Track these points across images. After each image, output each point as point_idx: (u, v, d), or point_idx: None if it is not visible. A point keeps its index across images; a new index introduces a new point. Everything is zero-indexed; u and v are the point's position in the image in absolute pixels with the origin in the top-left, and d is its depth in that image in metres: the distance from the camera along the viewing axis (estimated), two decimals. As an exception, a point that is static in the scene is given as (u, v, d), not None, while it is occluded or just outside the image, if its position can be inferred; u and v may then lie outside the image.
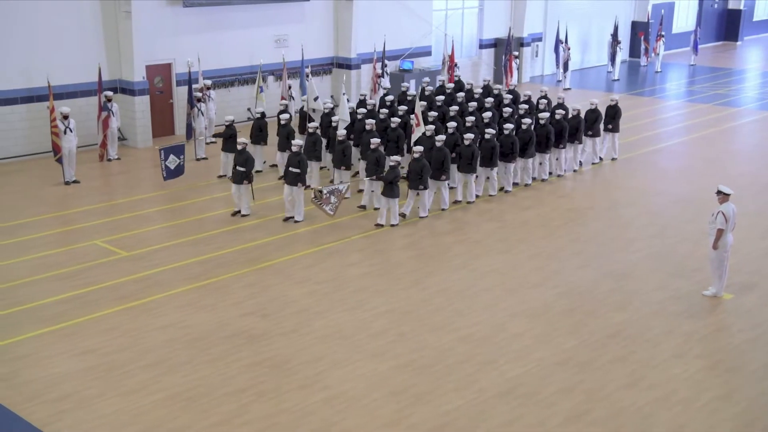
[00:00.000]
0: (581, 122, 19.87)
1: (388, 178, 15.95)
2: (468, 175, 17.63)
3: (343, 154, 17.41)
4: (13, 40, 19.53)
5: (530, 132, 18.65)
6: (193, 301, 12.98)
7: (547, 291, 13.67)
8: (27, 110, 20.05)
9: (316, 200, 15.65)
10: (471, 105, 20.33)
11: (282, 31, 24.62)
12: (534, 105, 21.00)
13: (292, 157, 16.07)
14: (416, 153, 16.38)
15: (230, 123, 18.38)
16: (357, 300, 13.20)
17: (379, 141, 16.98)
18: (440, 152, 16.87)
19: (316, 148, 17.86)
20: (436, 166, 16.78)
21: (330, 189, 15.84)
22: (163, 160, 17.29)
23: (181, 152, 17.66)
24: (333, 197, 15.72)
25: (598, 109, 20.44)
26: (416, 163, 16.33)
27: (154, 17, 21.46)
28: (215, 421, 9.83)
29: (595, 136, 20.57)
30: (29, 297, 12.93)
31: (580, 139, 20.00)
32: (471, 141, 17.34)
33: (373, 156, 16.72)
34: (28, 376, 10.68)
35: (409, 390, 10.59)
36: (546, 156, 19.26)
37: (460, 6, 30.39)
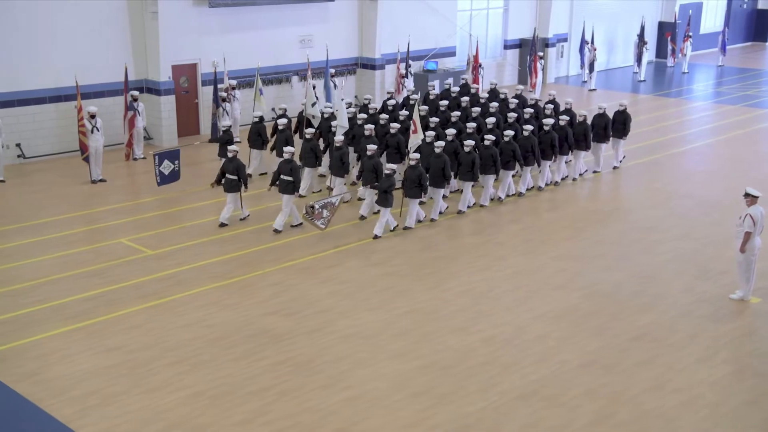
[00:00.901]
0: (588, 128, 19.09)
1: (383, 186, 15.46)
2: (467, 183, 17.03)
3: (341, 160, 16.80)
4: (42, 41, 19.76)
5: (532, 139, 17.92)
6: (217, 300, 13.05)
7: (571, 293, 13.58)
8: (55, 109, 20.27)
9: (308, 216, 15.03)
10: (474, 110, 19.55)
11: (307, 32, 24.69)
12: (541, 110, 20.17)
13: (283, 165, 15.58)
14: (413, 160, 15.87)
15: (227, 128, 18.00)
16: (380, 300, 13.20)
17: (375, 147, 16.35)
18: (439, 159, 16.31)
19: (314, 154, 17.33)
20: (436, 174, 16.27)
21: (322, 203, 15.19)
22: (157, 165, 17.04)
23: (176, 157, 17.35)
24: (325, 211, 15.14)
25: (607, 114, 19.77)
26: (412, 171, 15.79)
27: (180, 17, 21.62)
28: (238, 419, 9.87)
29: (601, 142, 19.80)
30: (55, 294, 13.07)
31: (589, 145, 19.18)
32: (471, 148, 16.77)
33: (369, 163, 16.14)
34: (54, 372, 10.80)
35: (431, 391, 10.57)
36: (547, 163, 18.52)
37: (485, 6, 30.30)
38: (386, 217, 15.72)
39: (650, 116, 26.78)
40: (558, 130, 18.63)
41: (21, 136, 19.85)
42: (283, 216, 15.72)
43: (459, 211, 17.08)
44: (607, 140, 19.87)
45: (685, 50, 34.58)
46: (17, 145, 19.81)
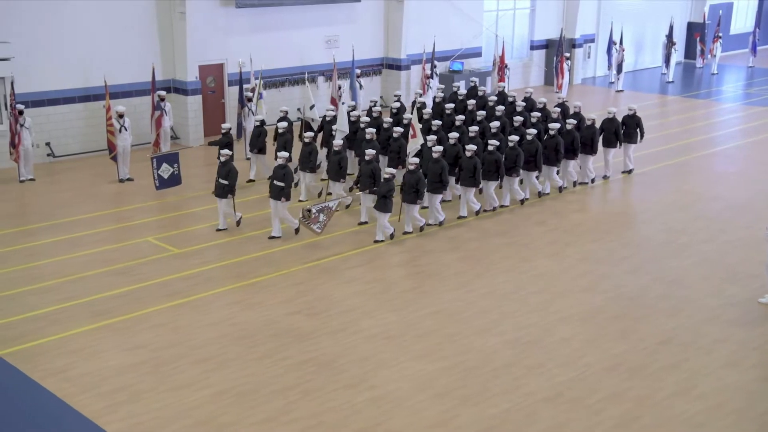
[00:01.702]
0: (596, 132, 18.60)
1: (381, 191, 15.08)
2: (469, 189, 16.53)
3: (339, 165, 16.41)
4: (72, 41, 20.00)
5: (536, 144, 17.37)
6: (242, 299, 13.12)
7: (597, 295, 13.48)
8: (84, 109, 20.51)
9: (304, 219, 14.69)
10: (480, 113, 19.04)
11: (333, 32, 24.75)
12: (549, 113, 19.59)
13: (277, 170, 15.18)
14: (411, 165, 15.50)
15: (227, 131, 17.61)
16: (404, 301, 13.20)
17: (374, 152, 15.95)
18: (437, 164, 15.84)
19: (311, 158, 16.93)
20: (433, 179, 15.81)
21: (319, 207, 14.80)
22: (155, 168, 16.78)
23: (175, 161, 17.05)
24: (322, 215, 14.74)
25: (616, 118, 19.22)
26: (411, 176, 15.38)
27: (207, 18, 21.78)
28: (262, 417, 9.93)
29: (611, 147, 19.26)
30: (83, 292, 13.22)
31: (595, 150, 18.68)
32: (473, 153, 16.22)
33: (367, 168, 15.74)
34: (82, 369, 10.93)
35: (455, 392, 10.55)
36: (553, 169, 18.07)
37: (512, 7, 30.19)
38: (382, 221, 15.30)
39: (678, 118, 26.52)
40: (565, 135, 18.10)
41: (50, 135, 20.11)
42: (288, 222, 15.47)
43: (459, 216, 16.66)
44: (616, 145, 19.25)
45: (715, 51, 34.19)
46: (47, 144, 20.07)
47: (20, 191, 18.18)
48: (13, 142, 18.14)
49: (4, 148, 18.79)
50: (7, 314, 12.36)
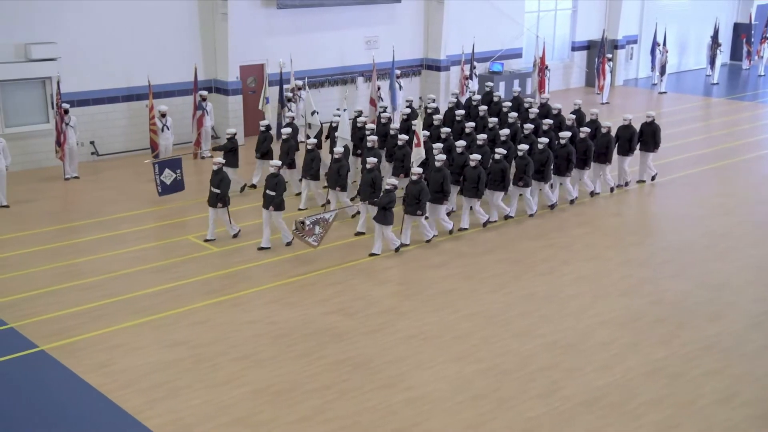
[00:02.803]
0: (611, 141, 17.87)
1: (382, 202, 14.49)
2: (472, 200, 15.89)
3: (338, 173, 15.93)
4: (116, 42, 20.32)
5: (547, 152, 16.70)
6: (280, 298, 13.20)
7: (637, 299, 13.30)
8: (127, 108, 20.83)
9: (298, 232, 14.08)
10: (492, 121, 18.49)
11: (373, 33, 24.79)
12: (563, 120, 18.98)
13: (269, 179, 14.75)
14: (414, 175, 14.91)
15: (232, 136, 17.46)
16: (441, 302, 13.16)
17: (375, 160, 15.48)
18: (438, 173, 15.26)
19: (313, 166, 16.56)
20: (435, 189, 15.25)
21: (314, 219, 14.20)
22: (157, 174, 16.66)
23: (177, 166, 16.90)
24: (318, 227, 14.18)
25: (632, 125, 18.42)
26: (414, 186, 14.83)
27: (249, 19, 21.97)
28: (299, 416, 9.97)
29: (626, 155, 18.47)
30: (125, 289, 13.42)
31: (610, 159, 17.93)
32: (477, 163, 15.64)
33: (368, 177, 15.29)
34: (122, 364, 11.09)
35: (492, 394, 10.49)
36: (567, 179, 17.29)
37: (553, 7, 29.94)
38: (386, 234, 14.76)
39: (723, 120, 26.07)
40: (578, 144, 17.42)
41: (95, 134, 20.45)
42: (282, 232, 15.03)
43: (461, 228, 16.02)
44: (631, 153, 18.42)
45: (762, 52, 33.52)
46: (91, 142, 20.42)
47: (65, 189, 18.53)
48: (58, 141, 18.49)
49: (50, 147, 19.16)
50: (51, 309, 12.60)
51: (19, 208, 17.04)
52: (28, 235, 15.62)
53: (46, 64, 19.08)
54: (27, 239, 15.40)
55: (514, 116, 18.80)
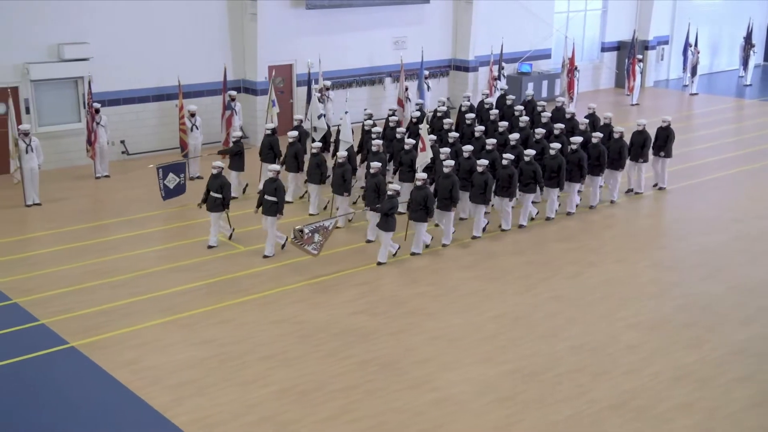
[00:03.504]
0: (624, 146, 17.38)
1: (384, 209, 14.16)
2: (479, 206, 15.53)
3: (342, 178, 15.64)
4: (146, 42, 20.52)
5: (559, 158, 16.26)
6: (306, 298, 13.25)
7: (666, 303, 13.16)
8: (157, 108, 21.03)
9: (296, 240, 13.79)
10: (502, 125, 18.05)
11: (401, 33, 24.78)
12: (576, 125, 18.46)
13: (268, 184, 14.44)
14: (419, 181, 14.55)
15: (238, 139, 17.32)
16: (467, 303, 13.12)
17: (379, 165, 15.23)
18: (447, 180, 14.87)
19: (320, 170, 16.29)
20: (443, 195, 14.88)
21: (313, 227, 13.88)
22: (161, 179, 16.53)
23: (181, 171, 16.79)
24: (317, 235, 13.83)
25: (647, 131, 17.95)
26: (418, 192, 14.46)
27: (278, 19, 22.07)
28: (325, 416, 9.99)
29: (642, 162, 18.03)
30: (153, 286, 13.54)
31: (623, 164, 17.52)
32: (485, 168, 15.27)
33: (372, 182, 15.00)
34: (150, 361, 11.19)
35: (518, 396, 10.44)
36: (576, 186, 16.87)
37: (583, 8, 29.72)
38: (387, 242, 14.44)
39: (755, 122, 25.70)
40: (591, 149, 16.96)
41: (125, 133, 20.67)
42: (268, 241, 14.67)
43: (474, 237, 15.66)
44: (645, 159, 18.01)
45: (796, 53, 33.01)
46: (121, 141, 20.64)
47: (95, 187, 18.74)
48: (89, 140, 18.70)
49: (81, 146, 19.39)
50: (82, 306, 12.75)
51: (51, 206, 17.27)
52: (59, 232, 15.83)
53: (79, 64, 19.32)
54: (58, 237, 15.61)
55: (525, 120, 18.38)
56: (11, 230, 15.94)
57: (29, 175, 17.17)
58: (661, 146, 18.26)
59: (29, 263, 14.34)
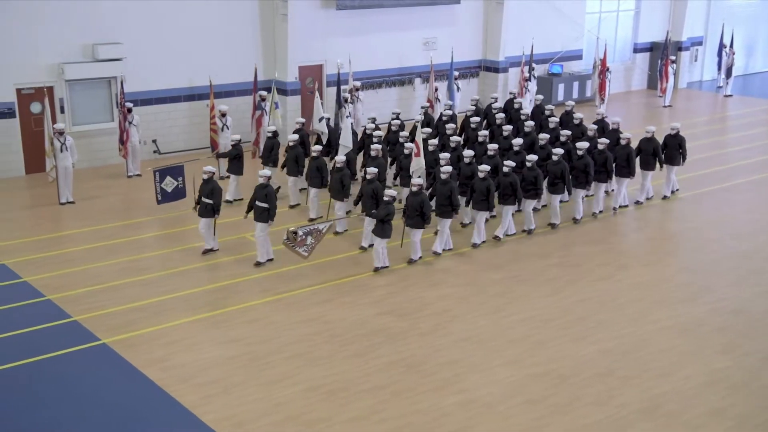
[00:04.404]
0: (631, 153, 16.81)
1: (380, 215, 13.91)
2: (481, 213, 15.13)
3: (341, 183, 15.41)
4: (178, 42, 20.70)
5: (562, 164, 15.88)
6: (334, 298, 13.27)
7: (698, 307, 12.99)
8: (188, 108, 21.21)
9: (289, 242, 13.52)
10: (506, 129, 17.64)
11: (431, 34, 24.74)
12: (585, 131, 17.96)
13: (258, 190, 14.14)
14: (414, 186, 14.26)
15: (236, 143, 16.97)
16: (495, 305, 13.06)
17: (376, 170, 14.86)
18: (445, 186, 14.54)
19: (320, 174, 16.01)
20: (442, 202, 14.55)
21: (307, 230, 13.70)
22: (158, 182, 16.19)
23: (179, 174, 16.42)
24: (310, 238, 13.63)
25: (655, 137, 17.34)
26: (414, 198, 14.19)
27: (308, 19, 22.15)
28: (352, 416, 10.00)
29: (648, 169, 17.39)
30: (183, 285, 13.65)
31: (633, 172, 16.85)
32: (486, 174, 14.90)
33: (368, 188, 14.68)
34: (179, 359, 11.29)
35: (546, 400, 10.37)
36: (581, 193, 16.42)
37: (615, 8, 29.44)
38: (382, 247, 14.12)
39: (791, 124, 25.29)
40: (597, 155, 16.48)
41: (157, 132, 20.88)
42: (258, 248, 14.44)
43: (473, 245, 15.27)
44: (653, 168, 17.32)
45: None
46: (153, 141, 20.85)
47: (128, 186, 18.94)
48: (121, 139, 18.92)
49: (113, 145, 19.62)
50: (113, 304, 12.90)
51: (84, 205, 17.49)
52: (91, 230, 16.04)
53: (112, 64, 19.55)
54: (90, 235, 15.81)
55: (531, 125, 17.85)
56: (45, 228, 16.18)
57: (63, 174, 17.42)
58: (673, 155, 17.62)
59: (62, 260, 14.54)
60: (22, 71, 18.81)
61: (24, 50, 18.72)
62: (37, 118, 19.03)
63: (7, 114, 18.83)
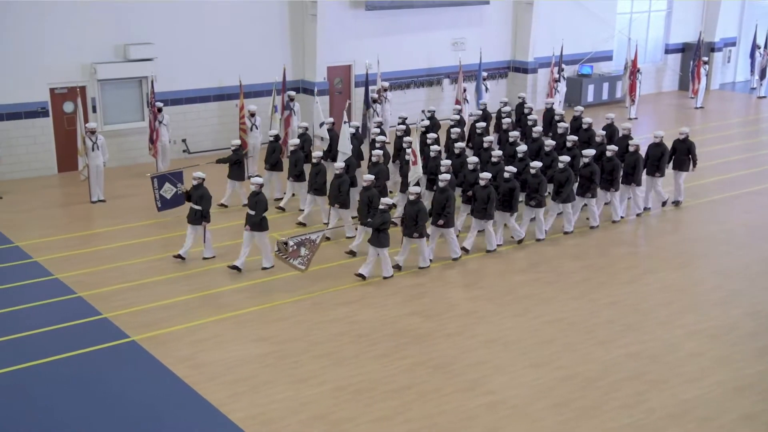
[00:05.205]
0: (639, 160, 16.36)
1: (375, 223, 13.57)
2: (482, 221, 14.84)
3: (339, 189, 15.10)
4: (208, 42, 20.86)
5: (567, 172, 15.48)
6: (360, 298, 13.29)
7: (730, 311, 12.82)
8: (218, 108, 21.37)
9: (280, 253, 13.13)
10: (513, 135, 17.31)
11: (460, 34, 24.68)
12: (593, 136, 17.58)
13: (250, 197, 13.97)
14: (412, 195, 13.94)
15: (237, 148, 16.92)
16: (523, 307, 13.00)
17: (372, 177, 14.58)
18: (443, 194, 14.21)
19: (318, 179, 15.75)
20: (437, 211, 14.23)
21: (298, 240, 13.19)
22: (156, 189, 15.80)
23: (178, 180, 15.99)
24: (303, 249, 13.16)
25: (664, 143, 16.90)
26: (412, 207, 13.87)
27: (337, 20, 22.21)
28: (378, 416, 10.01)
29: (656, 176, 16.88)
30: (211, 284, 13.75)
31: (638, 180, 16.45)
32: (487, 182, 14.63)
33: (364, 195, 14.38)
34: (207, 357, 11.37)
35: (573, 403, 10.29)
36: (592, 200, 16.01)
37: (647, 9, 29.15)
38: (373, 257, 13.82)
39: (826, 126, 24.86)
40: (605, 163, 16.07)
41: (186, 132, 21.06)
42: (264, 255, 14.19)
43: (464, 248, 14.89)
44: (661, 173, 16.86)
45: None
46: (183, 140, 21.03)
47: (157, 185, 19.10)
48: (151, 138, 19.10)
49: (144, 144, 19.83)
50: (142, 301, 13.04)
51: (115, 203, 17.69)
52: (122, 228, 16.21)
53: (144, 64, 19.76)
54: (121, 233, 15.99)
55: (538, 131, 17.55)
56: (77, 226, 16.39)
57: (95, 173, 17.64)
58: (683, 160, 17.19)
59: (94, 258, 14.72)
60: (56, 71, 19.09)
61: (58, 51, 18.99)
62: (70, 118, 19.29)
63: (41, 113, 19.11)
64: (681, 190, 17.49)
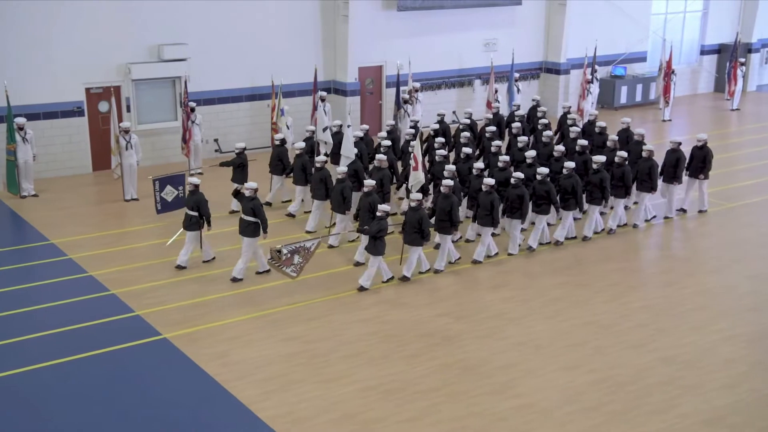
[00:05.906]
0: (654, 166, 15.81)
1: (372, 231, 13.30)
2: (485, 228, 14.49)
3: (342, 195, 14.82)
4: (240, 43, 21.01)
5: (574, 178, 15.08)
6: (391, 298, 13.29)
7: (766, 315, 12.61)
8: (250, 107, 21.51)
9: (273, 261, 12.87)
10: (521, 140, 16.85)
11: (492, 35, 24.58)
12: (607, 140, 17.09)
13: (245, 203, 13.73)
14: (413, 202, 13.69)
15: (241, 151, 16.66)
16: (554, 309, 12.91)
17: (373, 183, 14.36)
18: (446, 200, 13.89)
19: (324, 185, 15.52)
20: (441, 217, 13.94)
21: (293, 248, 12.91)
22: (158, 191, 15.67)
23: (180, 183, 15.87)
24: (297, 256, 12.89)
25: (681, 150, 16.40)
26: (413, 214, 13.56)
27: (369, 20, 22.23)
28: (407, 417, 10.01)
29: (673, 183, 16.46)
30: (241, 283, 13.82)
31: (655, 186, 15.92)
32: (490, 187, 14.28)
33: (365, 201, 14.14)
34: (238, 356, 11.45)
35: (604, 407, 10.20)
36: (596, 209, 15.59)
37: (682, 9, 28.80)
38: (375, 266, 13.52)
39: None
40: (615, 169, 15.64)
41: (218, 131, 21.22)
42: (242, 262, 13.83)
43: (474, 261, 14.55)
44: (678, 181, 16.39)
45: None
46: (215, 140, 21.20)
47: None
48: (184, 138, 19.27)
49: (176, 143, 20.01)
50: (174, 300, 13.16)
51: (148, 202, 17.80)
52: (155, 227, 16.38)
53: (177, 65, 19.95)
54: (154, 231, 16.15)
55: (549, 135, 17.12)
56: (110, 224, 16.60)
57: (128, 171, 17.85)
58: (700, 168, 16.68)
59: (127, 256, 14.90)
60: (91, 71, 19.34)
61: (93, 51, 19.24)
62: (105, 117, 19.54)
63: (77, 113, 19.38)
64: (705, 199, 17.05)
